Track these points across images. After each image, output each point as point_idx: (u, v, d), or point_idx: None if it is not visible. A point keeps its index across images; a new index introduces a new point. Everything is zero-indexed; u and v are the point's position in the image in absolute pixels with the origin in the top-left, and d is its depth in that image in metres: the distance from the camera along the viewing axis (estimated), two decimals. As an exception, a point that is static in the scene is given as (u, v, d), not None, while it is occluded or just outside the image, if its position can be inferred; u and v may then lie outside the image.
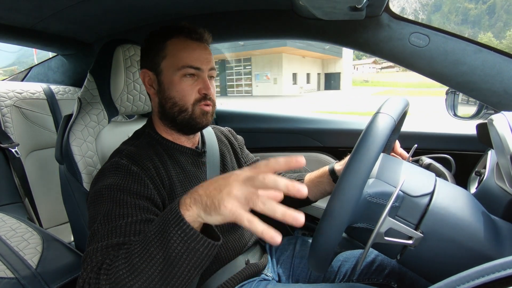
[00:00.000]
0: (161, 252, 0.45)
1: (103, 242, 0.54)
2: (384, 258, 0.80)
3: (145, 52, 0.76)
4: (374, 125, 0.50)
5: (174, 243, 0.44)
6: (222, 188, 0.42)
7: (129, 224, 0.56)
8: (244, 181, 0.41)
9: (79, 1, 0.89)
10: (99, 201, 0.61)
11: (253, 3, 1.00)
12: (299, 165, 0.40)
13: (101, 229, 0.56)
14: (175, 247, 0.44)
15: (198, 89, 0.71)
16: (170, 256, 0.45)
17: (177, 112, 0.72)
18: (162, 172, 0.69)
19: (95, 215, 0.60)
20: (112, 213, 0.58)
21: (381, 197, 0.54)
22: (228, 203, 0.41)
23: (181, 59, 0.70)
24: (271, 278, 0.83)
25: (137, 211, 0.59)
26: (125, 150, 0.69)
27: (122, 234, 0.55)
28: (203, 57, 0.72)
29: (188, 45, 0.71)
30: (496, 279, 0.27)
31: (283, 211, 0.39)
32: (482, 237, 0.50)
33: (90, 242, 0.56)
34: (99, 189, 0.62)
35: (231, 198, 0.41)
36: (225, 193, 0.41)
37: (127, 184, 0.62)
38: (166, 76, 0.71)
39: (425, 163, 0.83)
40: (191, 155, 0.78)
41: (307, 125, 1.35)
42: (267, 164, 0.41)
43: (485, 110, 0.90)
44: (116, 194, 0.60)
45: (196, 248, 0.45)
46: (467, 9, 27.82)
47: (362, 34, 0.91)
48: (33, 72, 1.57)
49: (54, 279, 0.77)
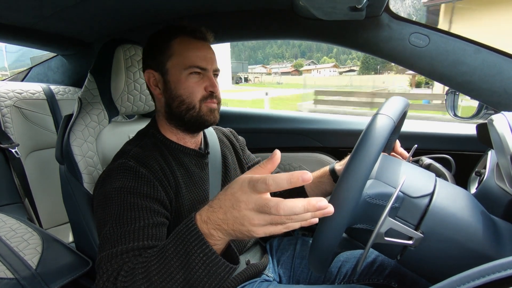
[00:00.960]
0: (181, 273, 0.45)
1: (118, 248, 0.53)
2: (385, 259, 0.80)
3: (149, 53, 0.75)
4: (373, 126, 0.50)
5: (196, 265, 0.44)
6: (242, 220, 0.42)
7: (141, 228, 0.56)
8: (256, 210, 0.41)
9: (79, 1, 0.89)
10: (109, 204, 0.60)
11: (253, 3, 1.00)
12: (304, 182, 0.39)
13: (113, 234, 0.56)
14: (196, 270, 0.44)
15: (205, 86, 0.72)
16: (191, 278, 0.45)
17: (185, 110, 0.72)
18: (168, 173, 0.69)
19: (104, 218, 0.59)
20: (124, 216, 0.57)
21: (380, 198, 0.54)
22: (258, 231, 0.41)
23: (188, 58, 0.71)
24: (272, 279, 0.83)
25: (148, 214, 0.59)
26: (131, 151, 0.68)
27: (136, 239, 0.55)
28: (208, 57, 0.73)
29: (193, 44, 0.72)
30: (496, 279, 0.27)
31: (307, 217, 0.40)
32: (482, 237, 0.50)
33: (102, 248, 0.56)
34: (108, 192, 0.61)
35: (257, 227, 0.41)
36: (248, 225, 0.41)
37: (137, 187, 0.61)
38: (173, 75, 0.72)
39: (425, 164, 0.83)
40: (195, 156, 0.78)
41: (307, 125, 1.35)
42: (268, 187, 0.39)
43: (485, 110, 0.90)
44: (126, 197, 0.60)
45: (218, 272, 0.45)
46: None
47: (362, 34, 0.91)
48: (33, 72, 1.57)
49: (54, 280, 0.77)
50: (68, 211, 0.92)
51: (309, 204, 0.39)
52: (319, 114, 1.54)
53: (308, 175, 0.38)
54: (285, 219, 0.40)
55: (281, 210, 0.38)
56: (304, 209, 0.39)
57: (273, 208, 0.39)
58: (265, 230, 0.41)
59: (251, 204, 0.41)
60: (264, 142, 1.39)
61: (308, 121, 1.38)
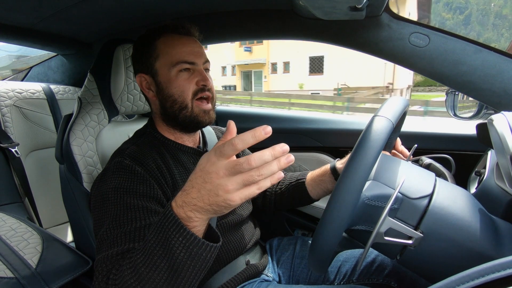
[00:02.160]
0: (165, 260, 0.45)
1: (113, 250, 0.53)
2: (384, 258, 0.80)
3: (136, 57, 0.75)
4: (371, 129, 0.50)
5: (177, 250, 0.44)
6: (216, 191, 0.42)
7: (137, 229, 0.56)
8: (228, 174, 0.41)
9: (79, 1, 0.89)
10: (105, 204, 0.60)
11: (253, 3, 1.00)
12: (267, 135, 0.40)
13: (110, 235, 0.56)
14: (178, 254, 0.45)
15: (196, 81, 0.71)
16: (174, 263, 0.45)
17: (178, 110, 0.72)
18: (165, 171, 0.69)
19: (101, 218, 0.59)
20: (120, 217, 0.57)
21: (379, 199, 0.54)
22: (234, 198, 0.41)
23: (174, 55, 0.70)
24: (272, 279, 0.83)
25: (145, 214, 0.58)
26: (127, 149, 0.68)
27: (132, 240, 0.55)
28: (195, 51, 0.72)
29: (177, 40, 0.72)
30: (496, 279, 0.27)
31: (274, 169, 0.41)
32: (481, 237, 0.50)
33: (99, 250, 0.56)
34: (104, 191, 0.61)
35: (232, 194, 0.41)
36: (223, 193, 0.41)
37: (132, 186, 0.61)
38: (162, 75, 0.71)
39: (425, 163, 0.83)
40: (193, 154, 0.78)
41: (307, 125, 1.35)
42: (235, 146, 0.40)
43: (485, 110, 0.90)
44: (123, 197, 0.59)
45: (199, 253, 0.45)
46: (445, 18, 27.71)
47: (362, 34, 0.90)
48: (33, 72, 1.57)
49: (53, 279, 0.77)
50: (68, 211, 0.92)
51: (274, 150, 0.40)
52: (319, 114, 1.54)
53: (269, 128, 0.40)
54: (256, 176, 0.40)
55: (252, 161, 0.39)
56: (272, 155, 0.40)
57: (244, 163, 0.40)
58: (240, 195, 0.41)
59: (221, 171, 0.41)
60: (264, 142, 1.39)
61: (308, 121, 1.38)
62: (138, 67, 0.75)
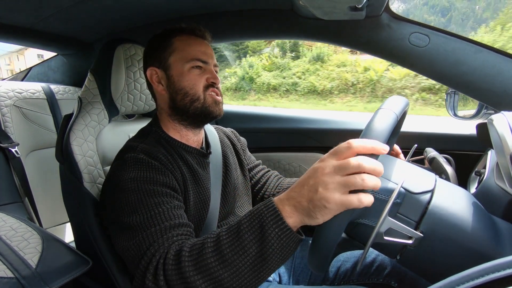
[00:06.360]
0: (255, 246, 0.46)
1: (155, 227, 0.55)
2: (384, 258, 0.80)
3: (150, 51, 0.78)
4: (376, 120, 0.50)
5: (272, 239, 0.45)
6: (316, 187, 0.42)
7: (168, 210, 0.58)
8: (333, 172, 0.42)
9: (79, 1, 0.89)
10: (126, 194, 0.61)
11: (253, 3, 1.00)
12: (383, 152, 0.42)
13: (140, 219, 0.57)
14: (271, 244, 0.46)
15: (206, 78, 0.74)
16: (266, 251, 0.46)
17: (189, 102, 0.73)
18: (176, 168, 0.70)
19: (120, 206, 0.60)
20: (146, 202, 0.59)
21: (382, 192, 0.54)
22: (330, 198, 0.41)
23: (189, 52, 0.74)
24: (272, 279, 0.83)
25: (169, 199, 0.61)
26: (138, 146, 0.69)
27: (169, 218, 0.56)
28: (208, 52, 0.76)
29: (193, 41, 0.76)
30: (496, 279, 0.27)
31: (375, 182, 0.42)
32: (482, 237, 0.50)
33: (134, 233, 0.56)
34: (123, 183, 0.62)
35: (330, 193, 0.41)
36: (322, 190, 0.42)
37: (151, 176, 0.63)
38: (175, 69, 0.74)
39: (430, 156, 0.83)
40: (197, 155, 0.79)
41: (307, 125, 1.35)
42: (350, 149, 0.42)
43: (485, 110, 0.91)
44: (144, 185, 0.61)
45: (289, 245, 0.46)
46: (427, 21, 27.72)
47: (362, 34, 0.91)
48: (33, 71, 1.57)
49: (54, 279, 0.77)
50: (68, 211, 0.92)
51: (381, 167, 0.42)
52: (319, 114, 1.54)
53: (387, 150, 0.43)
54: (359, 180, 0.41)
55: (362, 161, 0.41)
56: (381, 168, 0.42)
57: (353, 160, 0.41)
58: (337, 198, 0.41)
59: (328, 168, 0.42)
60: (264, 142, 1.39)
61: (308, 120, 1.38)
62: (151, 61, 0.77)
